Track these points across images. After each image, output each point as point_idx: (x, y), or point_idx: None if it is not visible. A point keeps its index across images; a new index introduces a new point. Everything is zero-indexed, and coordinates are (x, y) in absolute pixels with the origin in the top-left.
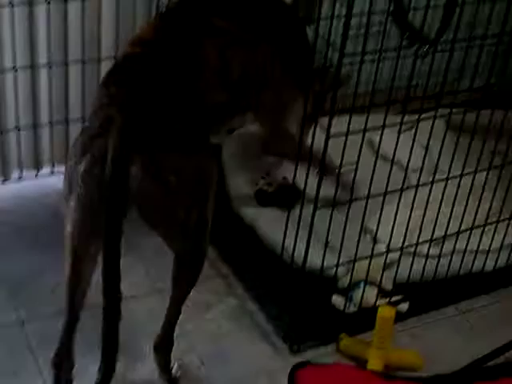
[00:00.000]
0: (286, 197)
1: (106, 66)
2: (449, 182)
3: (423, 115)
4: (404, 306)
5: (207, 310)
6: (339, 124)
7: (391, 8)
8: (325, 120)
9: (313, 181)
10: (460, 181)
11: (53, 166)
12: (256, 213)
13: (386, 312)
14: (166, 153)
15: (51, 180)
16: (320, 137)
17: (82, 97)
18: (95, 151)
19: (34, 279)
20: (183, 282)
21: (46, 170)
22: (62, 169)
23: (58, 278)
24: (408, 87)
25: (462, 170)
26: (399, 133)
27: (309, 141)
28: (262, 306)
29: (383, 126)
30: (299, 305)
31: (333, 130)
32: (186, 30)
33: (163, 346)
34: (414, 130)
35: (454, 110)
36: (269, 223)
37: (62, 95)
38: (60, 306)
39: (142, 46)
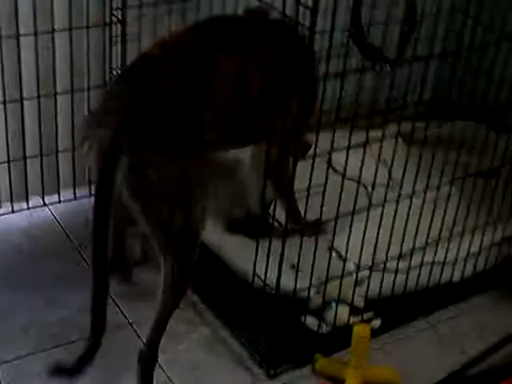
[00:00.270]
0: (256, 227)
1: (62, 100)
2: (413, 196)
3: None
4: (376, 323)
5: (180, 341)
6: None
7: (351, 31)
8: None
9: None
10: (425, 196)
11: (11, 203)
12: (220, 239)
13: (361, 330)
14: (153, 152)
15: (13, 217)
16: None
17: (39, 133)
18: (93, 141)
19: (6, 319)
20: (169, 292)
21: (5, 208)
22: (23, 206)
23: (30, 317)
24: (372, 105)
25: (427, 185)
26: (364, 150)
27: None
28: (234, 333)
29: (348, 147)
30: (273, 329)
31: None
32: (209, 42)
33: (147, 357)
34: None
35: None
36: (234, 249)
37: (18, 132)
38: (33, 345)
39: (162, 49)
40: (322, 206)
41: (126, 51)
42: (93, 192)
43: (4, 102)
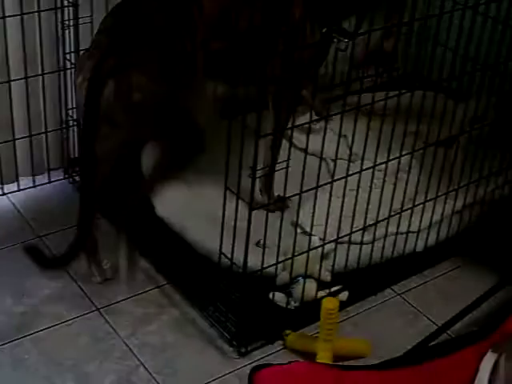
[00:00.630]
0: None
1: (17, 87)
2: (375, 169)
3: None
4: (344, 295)
5: (149, 323)
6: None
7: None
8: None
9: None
10: (386, 168)
11: None
12: (184, 219)
13: (330, 303)
14: (135, 73)
15: None
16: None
17: None
18: (86, 71)
19: None
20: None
21: None
22: None
23: None
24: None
25: (388, 156)
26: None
27: None
28: (203, 313)
29: (309, 121)
30: (242, 307)
31: None
32: None
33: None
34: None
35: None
36: (198, 229)
37: None
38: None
39: None
40: (285, 182)
41: (79, 35)
42: (52, 179)
43: None
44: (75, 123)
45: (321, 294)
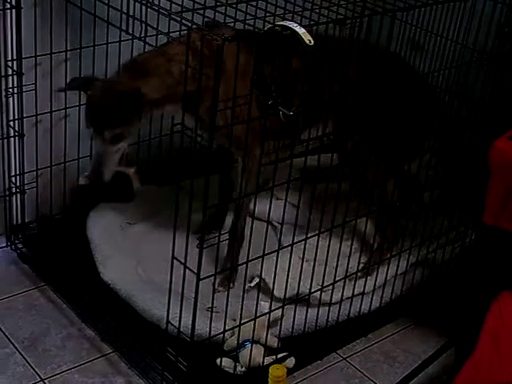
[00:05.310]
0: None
1: None
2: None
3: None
4: (291, 362)
5: None
6: None
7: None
8: None
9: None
10: (331, 233)
11: None
12: (131, 286)
13: (278, 371)
14: None
15: None
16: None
17: None
18: None
19: None
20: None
21: None
22: None
23: None
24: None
25: (333, 221)
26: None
27: None
28: (150, 381)
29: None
30: (190, 375)
31: None
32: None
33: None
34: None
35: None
36: (145, 295)
37: None
38: None
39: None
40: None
41: (23, 102)
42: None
43: None
44: (18, 190)
45: (268, 360)
